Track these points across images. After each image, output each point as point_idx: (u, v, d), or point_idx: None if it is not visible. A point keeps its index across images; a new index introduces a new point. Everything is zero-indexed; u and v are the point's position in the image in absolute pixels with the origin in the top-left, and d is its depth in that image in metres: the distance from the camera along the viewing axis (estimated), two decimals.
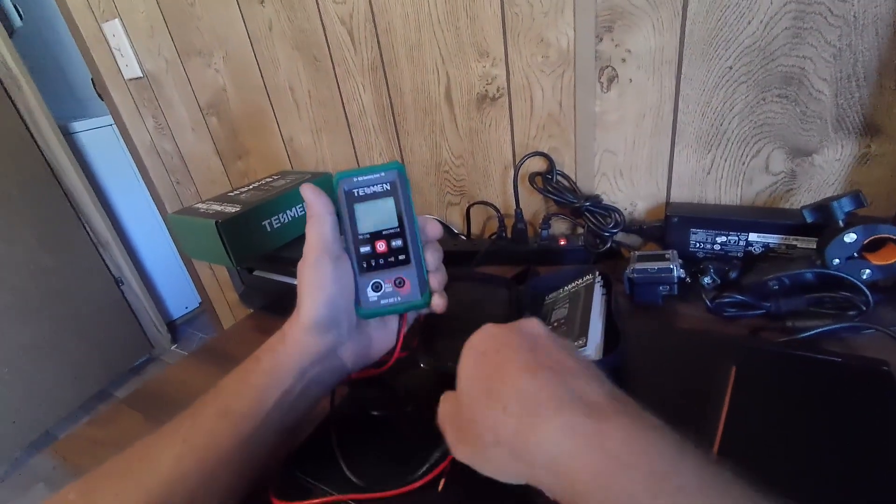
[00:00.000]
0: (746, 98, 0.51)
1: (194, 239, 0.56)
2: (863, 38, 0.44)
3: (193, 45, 0.98)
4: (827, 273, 0.46)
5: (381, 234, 0.35)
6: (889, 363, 0.38)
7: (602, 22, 0.55)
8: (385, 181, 0.35)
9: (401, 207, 0.35)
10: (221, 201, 0.59)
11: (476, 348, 0.29)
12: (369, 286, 0.36)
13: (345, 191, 0.36)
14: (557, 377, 0.25)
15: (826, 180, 0.51)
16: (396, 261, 0.35)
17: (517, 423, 0.24)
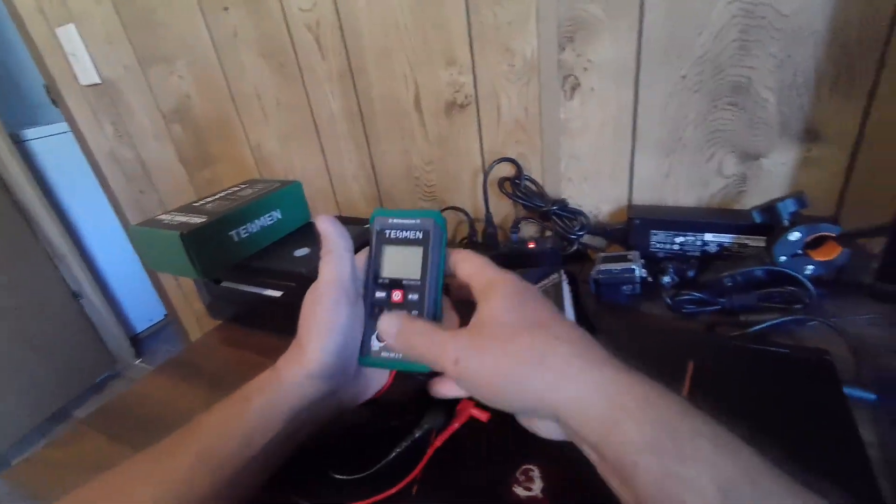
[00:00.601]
0: (700, 106, 0.54)
1: (158, 251, 0.55)
2: (802, 50, 0.47)
3: (155, 51, 0.95)
4: (775, 270, 0.49)
5: (401, 282, 0.33)
6: (830, 352, 0.41)
7: (564, 32, 0.57)
8: (419, 228, 0.33)
9: (428, 260, 0.33)
10: (186, 212, 0.58)
11: (517, 286, 0.29)
12: (375, 335, 0.33)
13: (377, 229, 0.34)
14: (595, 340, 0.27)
15: (773, 182, 0.55)
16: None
17: (570, 353, 0.25)
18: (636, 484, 0.21)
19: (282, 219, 0.63)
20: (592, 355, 0.25)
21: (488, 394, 0.27)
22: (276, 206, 0.62)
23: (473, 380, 0.27)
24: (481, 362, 0.26)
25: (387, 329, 0.31)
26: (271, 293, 0.59)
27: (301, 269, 0.55)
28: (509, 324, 0.27)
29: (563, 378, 0.24)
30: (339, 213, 0.92)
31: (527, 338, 0.26)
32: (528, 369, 0.25)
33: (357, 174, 0.85)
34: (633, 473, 0.22)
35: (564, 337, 0.26)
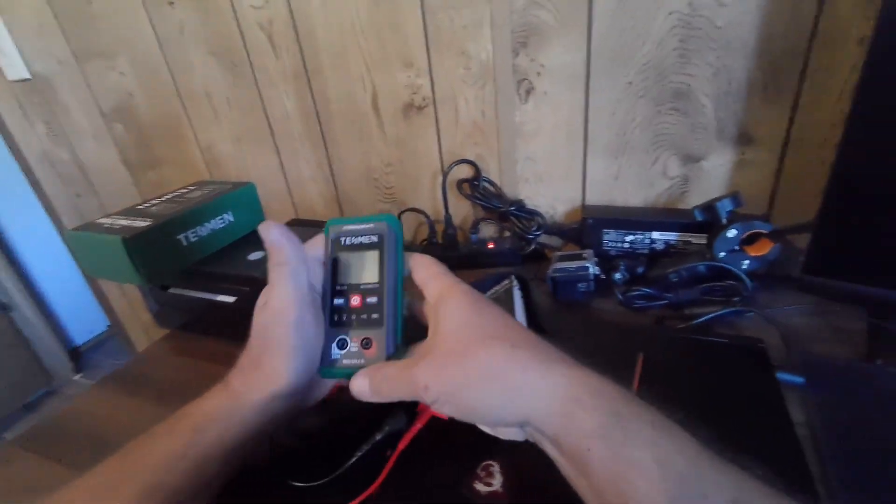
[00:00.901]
0: (645, 111, 0.57)
1: (98, 258, 0.52)
2: (734, 60, 0.51)
3: (93, 46, 0.90)
4: (715, 265, 0.52)
5: (359, 287, 0.32)
6: (764, 340, 0.44)
7: (517, 38, 0.59)
8: (373, 233, 0.33)
9: (385, 263, 0.32)
10: (129, 215, 0.55)
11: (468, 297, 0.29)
12: (335, 342, 0.32)
13: (332, 238, 0.34)
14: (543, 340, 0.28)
15: (712, 183, 0.58)
16: (368, 319, 0.32)
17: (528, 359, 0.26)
18: (590, 469, 0.23)
19: (234, 221, 0.61)
20: (547, 357, 0.27)
21: (458, 411, 0.27)
22: (228, 209, 0.60)
23: (443, 401, 0.27)
24: (447, 383, 0.27)
25: (360, 391, 0.30)
26: (224, 299, 0.57)
27: (255, 273, 0.53)
28: (466, 338, 0.27)
29: (524, 385, 0.25)
30: (296, 216, 0.90)
31: (485, 352, 0.27)
32: (490, 383, 0.26)
33: (315, 176, 0.84)
34: (587, 459, 0.23)
35: (521, 344, 0.27)
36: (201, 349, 0.60)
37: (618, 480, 0.22)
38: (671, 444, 0.23)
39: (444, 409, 0.27)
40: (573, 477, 0.25)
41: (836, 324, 0.49)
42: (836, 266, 0.46)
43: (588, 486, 0.24)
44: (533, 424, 0.25)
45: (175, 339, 0.64)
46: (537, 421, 0.25)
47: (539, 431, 0.26)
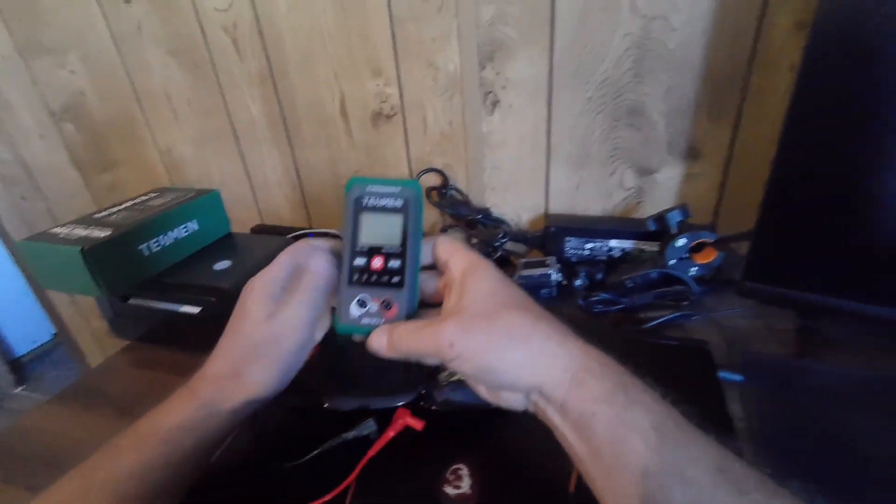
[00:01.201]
0: (603, 125, 0.60)
1: (54, 269, 0.49)
2: (683, 80, 0.55)
3: (40, 41, 0.85)
4: (666, 272, 0.56)
5: (381, 250, 0.33)
6: (708, 342, 0.48)
7: (484, 52, 0.61)
8: (399, 197, 0.33)
9: (408, 229, 0.33)
10: (87, 224, 0.53)
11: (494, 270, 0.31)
12: (354, 301, 0.33)
13: (354, 197, 0.33)
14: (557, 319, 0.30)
15: (664, 195, 0.62)
16: (389, 282, 0.33)
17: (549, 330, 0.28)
18: (591, 431, 0.26)
19: (199, 230, 0.60)
20: (564, 331, 0.29)
21: (478, 370, 0.29)
22: (191, 217, 0.59)
23: (465, 358, 0.28)
24: (473, 340, 0.28)
25: (378, 346, 0.31)
26: (188, 309, 0.56)
27: (222, 284, 0.52)
28: (494, 305, 0.29)
29: (545, 352, 0.28)
30: (261, 221, 0.89)
31: (511, 318, 0.28)
32: (514, 345, 0.28)
33: (281, 181, 0.83)
34: (591, 422, 0.26)
35: (543, 317, 0.29)
36: (162, 361, 0.58)
37: (616, 441, 0.25)
38: (667, 414, 0.26)
39: (464, 366, 0.28)
40: (573, 442, 0.27)
41: (773, 324, 0.54)
42: (771, 273, 0.51)
43: (587, 450, 0.26)
44: (544, 390, 0.27)
45: (133, 350, 0.62)
46: (549, 386, 0.27)
47: (547, 398, 0.28)
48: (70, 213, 1.07)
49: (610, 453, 0.25)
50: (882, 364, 0.46)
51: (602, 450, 0.25)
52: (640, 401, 0.26)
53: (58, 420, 0.52)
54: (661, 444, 0.24)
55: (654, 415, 0.25)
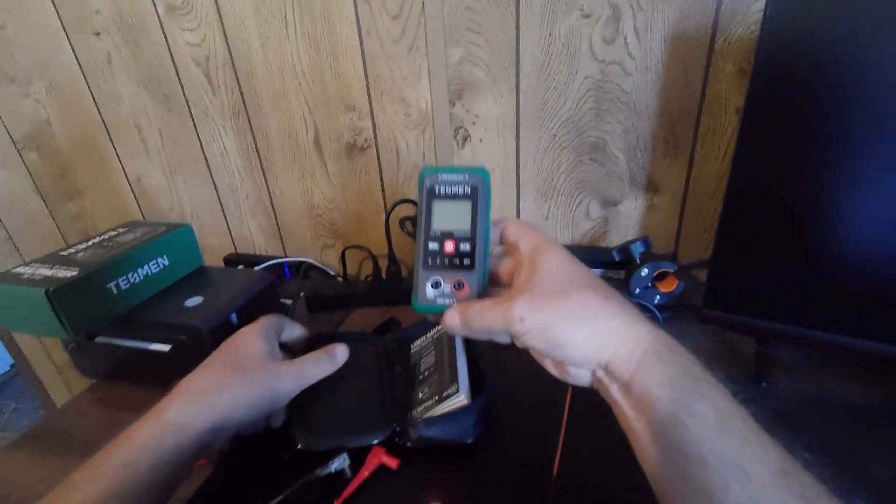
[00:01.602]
0: (568, 160, 0.63)
1: (17, 311, 0.48)
2: (640, 120, 0.58)
3: (3, 71, 0.83)
4: (632, 300, 0.58)
5: (452, 234, 0.34)
6: None
7: (453, 90, 0.63)
8: (467, 183, 0.35)
9: (477, 213, 0.34)
10: (51, 263, 0.51)
11: (563, 251, 0.32)
12: (429, 282, 0.34)
13: (427, 186, 0.35)
14: (627, 300, 0.31)
15: (628, 224, 0.65)
16: (461, 264, 0.34)
17: (617, 310, 0.29)
18: (653, 413, 0.26)
19: (169, 265, 0.59)
20: (633, 313, 0.29)
21: (547, 345, 0.29)
22: (162, 253, 0.58)
23: (535, 334, 0.29)
24: (543, 318, 0.29)
25: (452, 324, 0.32)
26: (158, 347, 0.55)
27: (193, 321, 0.52)
28: (563, 283, 0.30)
29: (613, 330, 0.28)
30: (235, 251, 0.88)
31: (581, 296, 0.29)
32: (582, 323, 0.28)
33: (254, 210, 0.83)
34: (655, 404, 0.26)
35: (612, 297, 0.30)
36: (129, 401, 0.57)
37: (678, 427, 0.25)
38: (734, 410, 0.25)
39: (533, 341, 0.29)
40: (632, 420, 0.27)
41: (732, 349, 0.57)
42: (728, 300, 0.54)
43: (646, 430, 0.26)
44: (610, 367, 0.28)
45: (99, 389, 0.60)
46: (616, 364, 0.28)
47: (612, 375, 0.28)
48: (33, 241, 1.04)
49: (670, 437, 0.25)
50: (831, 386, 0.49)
51: (662, 432, 0.25)
52: (707, 393, 0.26)
53: (18, 467, 0.50)
54: (724, 437, 0.24)
55: (720, 410, 0.25)
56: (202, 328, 0.51)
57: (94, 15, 0.73)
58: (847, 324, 0.48)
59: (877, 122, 0.41)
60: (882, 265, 0.44)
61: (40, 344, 1.25)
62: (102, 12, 0.72)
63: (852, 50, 0.41)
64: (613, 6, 0.53)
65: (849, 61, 0.41)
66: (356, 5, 0.62)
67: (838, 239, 0.46)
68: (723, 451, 0.24)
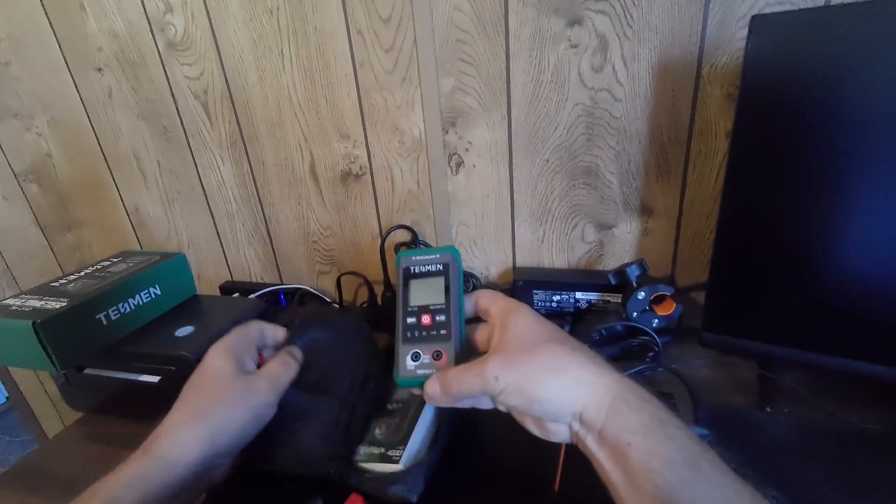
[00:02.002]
0: (562, 184, 0.63)
1: (4, 343, 0.47)
2: (631, 145, 0.59)
3: (7, 106, 0.85)
4: (630, 324, 0.57)
5: (428, 307, 0.37)
6: (674, 395, 0.49)
7: (446, 118, 0.64)
8: (439, 262, 0.38)
9: (450, 286, 0.37)
10: (41, 295, 0.51)
11: (530, 311, 0.34)
12: (409, 355, 0.36)
13: (403, 267, 0.39)
14: (593, 351, 0.32)
15: (624, 247, 0.65)
16: (438, 335, 0.36)
17: (584, 362, 0.30)
18: (627, 460, 0.27)
19: (161, 295, 0.58)
20: (600, 363, 0.31)
21: (524, 402, 0.30)
22: (154, 282, 0.58)
23: (510, 391, 0.30)
24: (516, 374, 0.30)
25: (433, 394, 0.33)
26: (147, 379, 0.54)
27: (183, 352, 0.51)
28: (532, 340, 0.31)
29: (582, 380, 0.29)
30: (231, 279, 0.88)
31: (549, 351, 0.30)
32: (553, 376, 0.30)
33: (251, 238, 0.83)
34: (627, 451, 0.27)
35: (579, 349, 0.31)
36: (118, 435, 0.56)
37: (650, 473, 0.25)
38: (702, 453, 0.26)
39: (510, 399, 0.30)
40: (609, 470, 0.28)
41: (734, 374, 0.55)
42: (728, 323, 0.53)
43: (622, 478, 0.27)
44: (584, 416, 0.29)
45: (87, 423, 0.59)
46: (589, 413, 0.28)
47: (587, 426, 0.29)
48: (31, 273, 1.04)
49: (643, 484, 0.26)
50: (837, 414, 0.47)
51: (636, 479, 0.26)
52: (675, 437, 0.27)
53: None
54: (694, 481, 0.25)
55: (689, 452, 0.26)
56: (192, 358, 0.50)
57: (97, 52, 0.75)
58: (849, 346, 0.47)
59: (866, 137, 0.41)
60: (881, 285, 0.44)
61: (35, 377, 1.24)
62: (105, 50, 0.75)
63: (834, 72, 0.41)
64: (600, 36, 0.55)
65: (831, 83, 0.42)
66: (350, 39, 0.63)
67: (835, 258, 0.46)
68: (693, 495, 0.24)
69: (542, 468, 0.37)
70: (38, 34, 0.77)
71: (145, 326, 0.57)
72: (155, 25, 0.71)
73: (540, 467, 0.37)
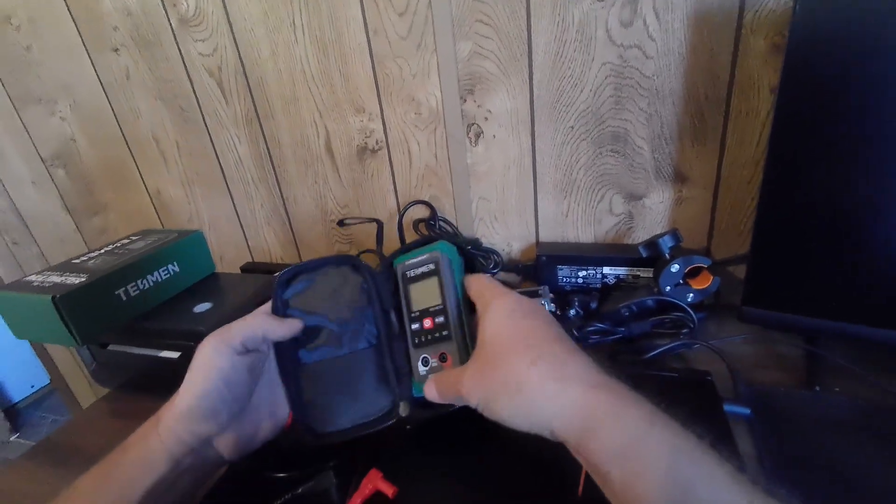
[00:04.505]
0: (588, 152, 0.60)
1: (27, 318, 0.48)
2: (664, 106, 0.54)
3: (31, 91, 0.87)
4: (662, 299, 0.54)
5: (429, 311, 0.36)
6: (711, 373, 0.46)
7: (464, 86, 0.61)
8: (429, 262, 0.37)
9: (443, 284, 0.36)
10: (62, 271, 0.51)
11: (505, 308, 0.31)
12: (420, 361, 0.36)
13: (401, 274, 0.38)
14: (576, 352, 0.29)
15: (655, 219, 0.61)
16: (440, 336, 0.35)
17: (544, 377, 0.27)
18: (609, 485, 0.25)
19: (180, 272, 0.58)
20: (566, 374, 0.27)
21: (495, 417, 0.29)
22: (173, 259, 0.57)
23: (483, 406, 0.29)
24: (482, 391, 0.29)
25: (431, 396, 0.33)
26: (168, 355, 0.54)
27: (201, 327, 0.51)
28: (495, 350, 0.30)
29: (542, 400, 0.27)
30: (252, 260, 0.88)
31: (507, 366, 0.28)
32: (508, 397, 0.28)
33: (270, 219, 0.82)
34: (607, 478, 0.25)
35: (542, 360, 0.28)
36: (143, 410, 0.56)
37: (637, 500, 0.23)
38: (690, 469, 0.23)
39: (486, 413, 0.29)
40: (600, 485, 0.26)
41: (778, 350, 0.51)
42: (771, 297, 0.49)
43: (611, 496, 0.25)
44: (555, 434, 0.27)
45: (114, 399, 0.60)
46: (559, 431, 0.27)
47: (562, 440, 0.27)
48: (63, 257, 1.07)
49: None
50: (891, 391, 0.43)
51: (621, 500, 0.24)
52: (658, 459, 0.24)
53: (27, 479, 0.49)
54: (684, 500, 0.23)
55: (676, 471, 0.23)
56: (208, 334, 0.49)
57: (113, 31, 0.75)
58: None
59: None
60: None
61: (73, 359, 1.29)
62: (120, 29, 0.74)
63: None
64: None
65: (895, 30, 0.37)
66: (363, 4, 0.61)
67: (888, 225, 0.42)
68: None
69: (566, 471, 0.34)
70: (56, 16, 0.77)
71: (165, 303, 0.57)
72: (167, 0, 0.70)
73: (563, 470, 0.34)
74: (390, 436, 0.39)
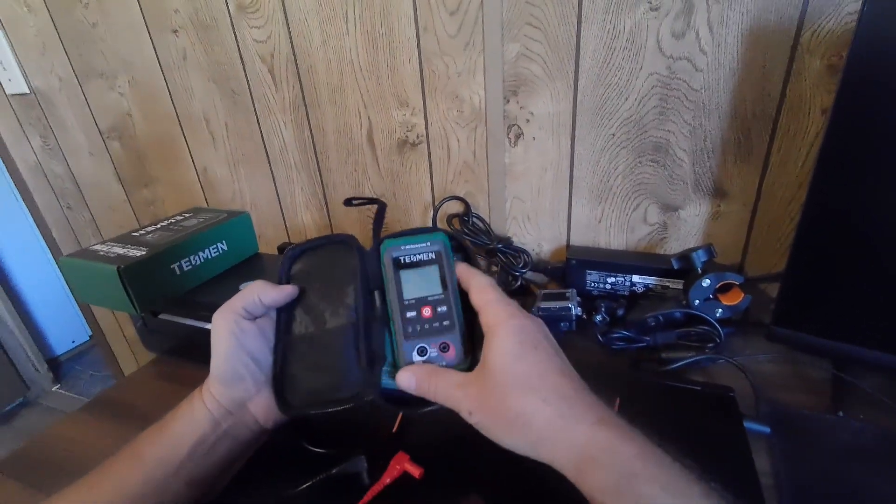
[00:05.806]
0: (627, 160, 0.60)
1: (92, 285, 0.52)
2: (709, 120, 0.54)
3: (94, 66, 0.91)
4: (690, 312, 0.54)
5: (427, 299, 0.36)
6: (734, 389, 0.46)
7: (508, 87, 0.62)
8: (430, 250, 0.36)
9: (445, 274, 0.36)
10: (124, 243, 0.55)
11: (515, 336, 0.32)
12: (414, 351, 0.35)
13: (392, 258, 0.36)
14: (582, 389, 0.31)
15: (689, 231, 0.61)
16: (441, 326, 0.35)
17: (552, 415, 0.29)
18: None
19: (227, 251, 0.62)
20: (572, 413, 0.29)
21: (494, 439, 0.31)
22: (222, 238, 0.61)
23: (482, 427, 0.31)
24: (484, 416, 0.31)
25: (408, 385, 0.34)
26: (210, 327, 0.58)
27: None
28: (505, 383, 0.30)
29: (546, 437, 0.29)
30: (289, 241, 0.91)
31: (517, 401, 0.30)
32: (516, 430, 0.30)
33: (308, 203, 0.86)
34: None
35: (551, 398, 0.30)
36: (185, 375, 0.60)
37: None
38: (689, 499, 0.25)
39: (483, 432, 0.31)
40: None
41: (803, 372, 0.52)
42: (802, 319, 0.49)
43: None
44: (554, 466, 0.29)
45: (161, 364, 0.65)
46: (557, 465, 0.29)
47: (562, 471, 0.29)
48: (111, 224, 1.14)
49: None
50: None
51: None
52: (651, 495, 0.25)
53: (86, 429, 0.54)
54: None
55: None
56: None
57: (174, 14, 0.78)
58: None
59: None
60: None
61: (115, 320, 1.37)
62: (180, 11, 0.77)
63: None
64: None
65: None
66: (415, 2, 0.62)
67: None
68: None
69: None
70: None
71: (213, 279, 0.60)
72: None
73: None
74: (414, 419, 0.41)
